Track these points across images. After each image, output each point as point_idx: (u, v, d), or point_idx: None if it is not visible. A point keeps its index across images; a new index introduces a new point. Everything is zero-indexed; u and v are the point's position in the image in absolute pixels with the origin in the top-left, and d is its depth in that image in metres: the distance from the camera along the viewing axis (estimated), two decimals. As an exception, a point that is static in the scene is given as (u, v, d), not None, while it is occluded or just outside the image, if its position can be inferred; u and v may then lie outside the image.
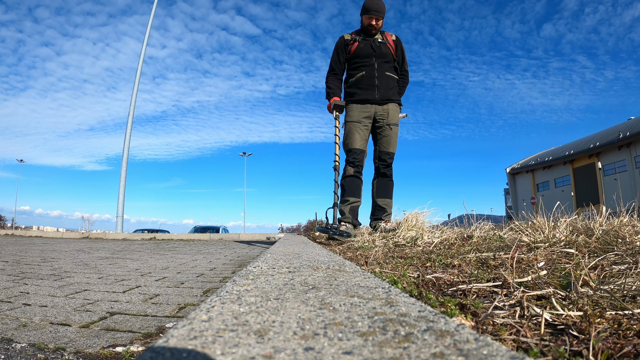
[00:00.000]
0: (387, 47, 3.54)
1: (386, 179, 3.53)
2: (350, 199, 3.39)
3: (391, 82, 3.54)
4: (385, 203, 3.50)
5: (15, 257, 3.31)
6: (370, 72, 3.47)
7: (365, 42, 3.51)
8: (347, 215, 3.37)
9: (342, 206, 3.41)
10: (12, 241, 6.13)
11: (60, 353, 0.96)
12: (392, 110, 3.50)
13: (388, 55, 3.53)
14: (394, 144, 3.52)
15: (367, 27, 3.49)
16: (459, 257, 1.49)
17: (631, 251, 1.24)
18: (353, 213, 3.40)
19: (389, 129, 3.48)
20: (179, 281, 2.06)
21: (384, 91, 3.48)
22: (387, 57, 3.52)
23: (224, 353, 0.38)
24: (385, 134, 3.49)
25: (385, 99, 3.47)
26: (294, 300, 0.60)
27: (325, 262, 1.15)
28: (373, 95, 3.45)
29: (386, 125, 3.48)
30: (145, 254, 3.93)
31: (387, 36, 3.59)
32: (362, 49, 3.50)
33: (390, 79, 3.53)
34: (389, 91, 3.51)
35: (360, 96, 3.47)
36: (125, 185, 11.68)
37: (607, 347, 0.52)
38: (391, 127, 3.48)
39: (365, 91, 3.46)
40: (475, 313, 0.71)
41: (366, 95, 3.46)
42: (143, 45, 12.75)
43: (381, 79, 3.48)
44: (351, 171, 3.38)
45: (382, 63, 3.50)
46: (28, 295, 1.64)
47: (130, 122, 12.00)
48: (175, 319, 1.29)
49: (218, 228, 18.34)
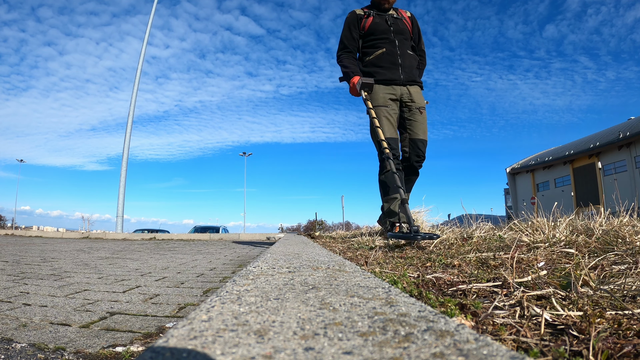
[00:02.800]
0: (403, 24, 3.16)
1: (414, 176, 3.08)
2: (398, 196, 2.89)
3: (414, 62, 3.14)
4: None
5: (15, 257, 3.31)
6: (391, 49, 3.05)
7: (380, 17, 3.12)
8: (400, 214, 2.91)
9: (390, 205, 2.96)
10: (12, 241, 6.13)
11: (60, 353, 0.96)
12: (418, 93, 3.09)
13: (406, 32, 3.15)
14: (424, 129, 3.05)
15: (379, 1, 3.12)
16: (459, 257, 1.49)
17: (631, 251, 1.24)
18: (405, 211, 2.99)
19: (419, 112, 3.03)
20: (179, 281, 2.06)
21: (408, 70, 3.06)
22: (405, 33, 3.14)
23: (224, 353, 0.38)
24: (416, 118, 3.03)
25: (411, 80, 3.05)
26: (294, 300, 0.60)
27: (325, 262, 1.15)
28: (398, 75, 3.02)
29: (416, 109, 3.03)
30: (145, 254, 3.93)
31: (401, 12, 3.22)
32: (378, 24, 3.09)
33: (412, 58, 3.14)
34: (413, 71, 3.11)
35: (384, 76, 3.02)
36: (125, 185, 11.69)
37: (607, 347, 0.52)
38: (421, 110, 3.04)
39: (388, 70, 3.02)
40: (475, 313, 0.71)
41: (390, 74, 3.01)
42: (143, 45, 12.75)
43: (404, 57, 3.07)
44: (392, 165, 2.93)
45: (402, 40, 3.10)
46: (28, 295, 1.64)
47: (130, 122, 12.00)
48: (175, 319, 1.29)
49: (218, 228, 18.35)
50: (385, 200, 2.99)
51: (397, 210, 2.90)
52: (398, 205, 2.90)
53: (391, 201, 2.96)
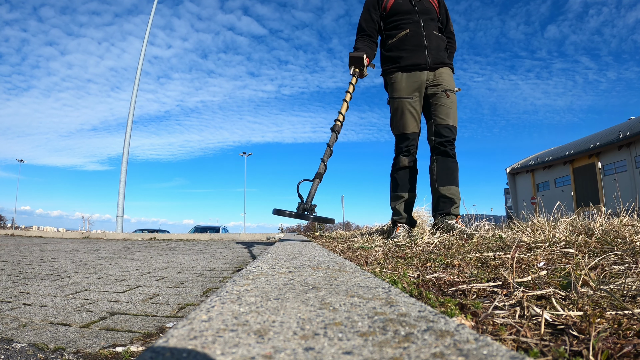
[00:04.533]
0: (429, 3, 2.93)
1: (449, 160, 2.78)
2: (405, 195, 2.81)
3: (441, 43, 2.90)
4: (452, 192, 2.73)
5: (15, 257, 3.31)
6: (416, 30, 2.82)
7: None
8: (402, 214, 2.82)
9: (396, 204, 2.84)
10: (12, 241, 6.13)
11: (60, 353, 0.96)
12: (447, 75, 2.85)
13: (432, 12, 2.91)
14: (454, 115, 2.80)
15: None
16: (459, 257, 1.49)
17: (631, 251, 1.24)
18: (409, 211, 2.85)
19: (446, 95, 2.78)
20: (179, 281, 2.06)
21: (435, 53, 2.82)
22: (431, 13, 2.90)
23: (224, 353, 0.38)
24: (442, 102, 2.78)
25: (438, 62, 2.82)
26: (294, 300, 0.60)
27: (325, 262, 1.15)
28: (424, 58, 2.78)
29: (442, 92, 2.78)
30: (145, 254, 3.93)
31: None
32: (400, 4, 2.89)
33: (440, 40, 2.90)
34: (441, 53, 2.86)
35: (408, 60, 2.79)
36: (125, 185, 11.69)
37: (607, 347, 0.52)
38: (448, 93, 2.78)
39: (412, 54, 2.80)
40: (475, 313, 0.71)
41: (415, 58, 2.79)
42: (143, 45, 12.76)
43: (430, 38, 2.83)
44: (405, 162, 2.78)
45: (428, 20, 2.87)
46: (28, 295, 1.64)
47: (130, 122, 12.01)
48: (175, 319, 1.29)
49: (218, 228, 18.35)
50: (392, 197, 2.89)
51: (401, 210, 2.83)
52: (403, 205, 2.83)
53: (397, 200, 2.85)
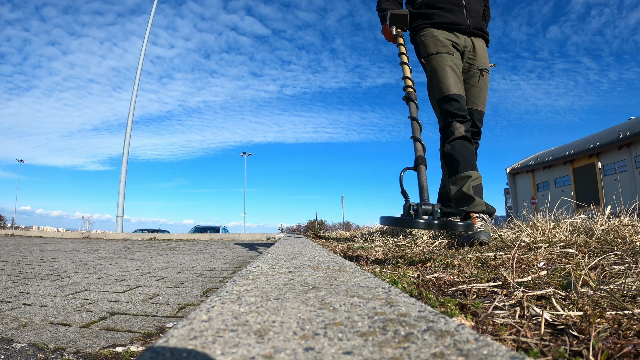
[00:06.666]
0: None
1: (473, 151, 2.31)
2: (473, 174, 2.05)
3: (479, 7, 2.45)
4: None
5: (15, 257, 3.31)
6: None
7: None
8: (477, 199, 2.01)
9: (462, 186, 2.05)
10: (12, 241, 6.13)
11: (60, 353, 0.96)
12: (483, 50, 2.42)
13: None
14: (484, 99, 2.40)
15: None
16: (459, 257, 1.49)
17: (631, 251, 1.24)
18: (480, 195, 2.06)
19: (481, 75, 2.37)
20: (179, 281, 2.06)
21: (475, 16, 2.37)
22: None
23: (224, 353, 0.38)
24: (475, 82, 2.36)
25: (478, 27, 2.37)
26: (294, 300, 0.60)
27: (325, 262, 1.15)
28: (463, 19, 2.32)
29: (477, 70, 2.36)
30: (145, 254, 3.93)
31: None
32: None
33: (478, 3, 2.44)
34: (479, 18, 2.41)
35: (444, 18, 2.31)
36: (125, 185, 11.70)
37: (607, 347, 0.52)
38: (483, 73, 2.38)
39: (450, 13, 2.32)
40: (475, 313, 0.71)
41: (454, 17, 2.31)
42: (144, 45, 12.76)
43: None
44: (462, 130, 2.13)
45: None
46: (28, 295, 1.64)
47: (130, 122, 12.01)
48: (175, 319, 1.29)
49: (218, 228, 18.36)
50: (453, 180, 2.09)
51: (471, 193, 2.02)
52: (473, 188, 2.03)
53: (462, 181, 2.06)
